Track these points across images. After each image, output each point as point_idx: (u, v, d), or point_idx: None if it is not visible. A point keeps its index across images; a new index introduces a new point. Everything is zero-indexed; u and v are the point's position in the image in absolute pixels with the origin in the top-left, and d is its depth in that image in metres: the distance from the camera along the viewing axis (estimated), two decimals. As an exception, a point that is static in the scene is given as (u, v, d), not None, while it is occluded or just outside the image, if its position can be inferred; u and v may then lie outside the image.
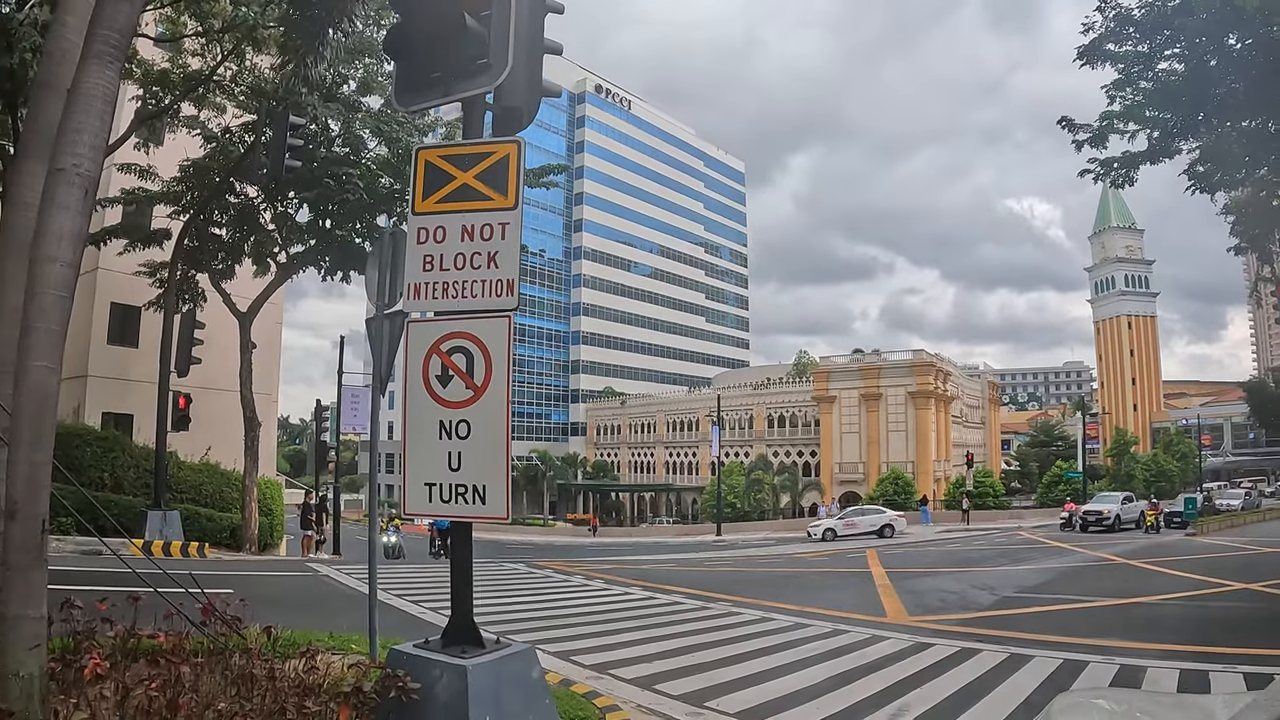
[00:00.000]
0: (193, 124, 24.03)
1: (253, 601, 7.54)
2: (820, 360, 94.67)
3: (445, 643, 5.50)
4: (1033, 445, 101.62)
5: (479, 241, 5.65)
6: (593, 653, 10.64)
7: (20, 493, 4.56)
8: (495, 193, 5.67)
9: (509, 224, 5.62)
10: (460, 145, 6.03)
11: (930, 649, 11.12)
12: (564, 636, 11.86)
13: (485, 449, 5.42)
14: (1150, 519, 42.12)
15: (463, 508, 5.45)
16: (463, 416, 5.49)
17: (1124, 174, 19.92)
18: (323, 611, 12.52)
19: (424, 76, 6.07)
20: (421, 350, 5.66)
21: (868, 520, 43.35)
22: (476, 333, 5.54)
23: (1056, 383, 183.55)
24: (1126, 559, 24.43)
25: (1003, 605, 15.75)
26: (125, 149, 24.33)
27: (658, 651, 10.87)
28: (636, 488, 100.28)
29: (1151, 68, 18.60)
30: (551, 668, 9.14)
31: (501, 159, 5.71)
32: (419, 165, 5.97)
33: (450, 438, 5.50)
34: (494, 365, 5.47)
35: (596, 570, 23.79)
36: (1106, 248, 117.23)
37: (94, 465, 23.90)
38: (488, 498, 5.37)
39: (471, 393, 5.49)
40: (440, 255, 5.74)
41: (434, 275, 5.74)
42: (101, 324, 30.24)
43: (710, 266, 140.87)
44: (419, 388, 5.64)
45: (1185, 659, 10.16)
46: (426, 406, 5.60)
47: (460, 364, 5.54)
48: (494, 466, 5.40)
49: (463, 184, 5.76)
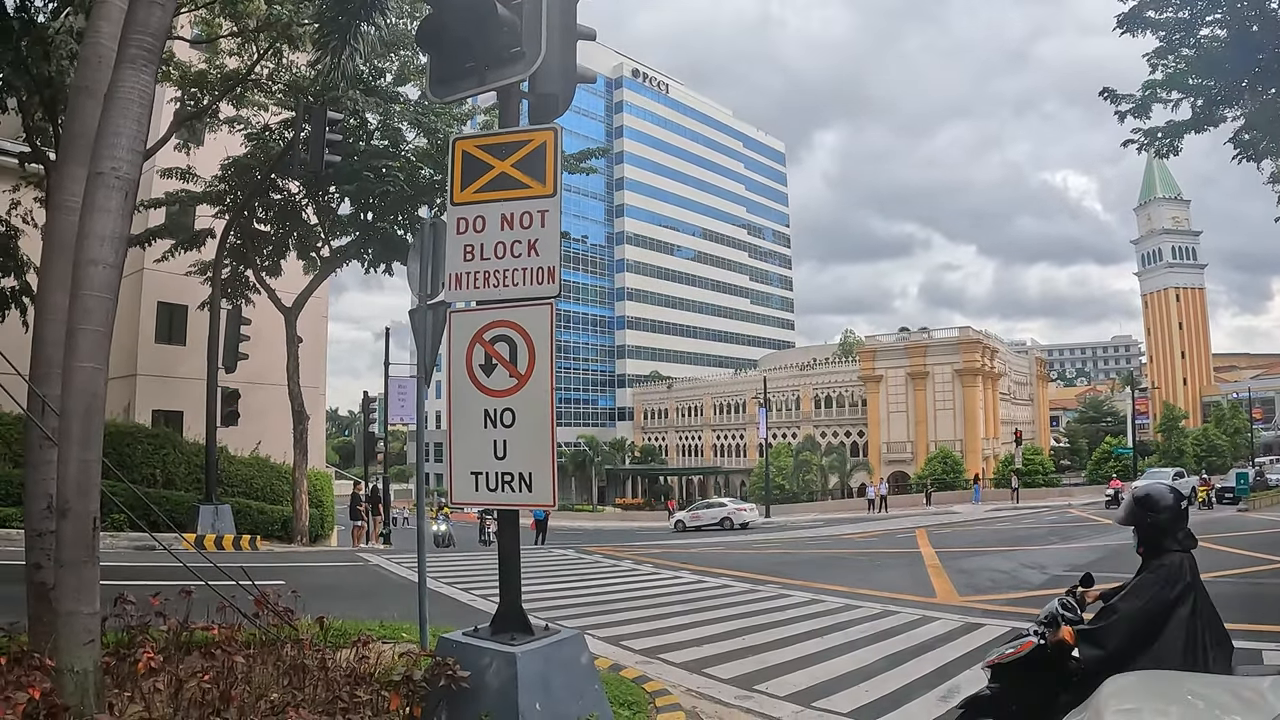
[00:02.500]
0: (233, 122, 24.24)
1: (304, 592, 7.62)
2: (866, 339, 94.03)
3: (494, 630, 5.53)
4: (1082, 421, 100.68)
5: (519, 230, 5.65)
6: (642, 637, 10.67)
7: (71, 491, 4.64)
8: (533, 180, 5.66)
9: (548, 211, 5.62)
10: (497, 134, 6.01)
11: (981, 629, 11.04)
12: (614, 621, 11.90)
13: (530, 436, 5.44)
14: (1202, 495, 41.14)
15: (509, 496, 5.46)
16: (507, 405, 5.51)
17: (1168, 144, 19.49)
18: (374, 600, 12.60)
19: (458, 67, 6.07)
20: (465, 340, 5.68)
21: (711, 513, 46.49)
22: (519, 321, 5.55)
23: (1104, 358, 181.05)
24: (1179, 535, 24.03)
25: (1053, 584, 15.53)
26: (166, 151, 24.68)
27: (707, 635, 10.86)
28: (684, 471, 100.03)
29: (1193, 34, 18.20)
30: (601, 653, 9.17)
31: (539, 146, 5.70)
32: (456, 155, 5.97)
33: (495, 426, 5.52)
34: (537, 353, 5.48)
35: (645, 555, 23.83)
36: (1153, 219, 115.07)
37: (145, 462, 24.28)
38: (534, 485, 5.39)
39: (515, 381, 5.50)
40: (480, 245, 5.74)
41: (475, 265, 5.74)
42: (149, 323, 30.65)
43: (753, 248, 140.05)
44: (463, 377, 5.66)
45: (1238, 638, 9.90)
46: (471, 395, 5.62)
47: (503, 352, 5.55)
48: (539, 454, 5.41)
49: (501, 173, 5.77)
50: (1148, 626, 4.06)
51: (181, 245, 26.19)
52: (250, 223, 25.72)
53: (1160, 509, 4.27)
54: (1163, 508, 4.27)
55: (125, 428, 25.28)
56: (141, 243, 25.57)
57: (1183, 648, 3.97)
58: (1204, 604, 4.11)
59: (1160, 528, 4.24)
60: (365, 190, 22.97)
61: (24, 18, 16.09)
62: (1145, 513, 4.30)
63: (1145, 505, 4.32)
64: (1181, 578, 4.10)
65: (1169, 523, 4.24)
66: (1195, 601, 4.08)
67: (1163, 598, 4.07)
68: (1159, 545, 4.23)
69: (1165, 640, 4.01)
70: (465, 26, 5.78)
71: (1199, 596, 4.09)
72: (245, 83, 22.66)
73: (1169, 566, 4.14)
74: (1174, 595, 4.05)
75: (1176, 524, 4.25)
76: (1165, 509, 4.27)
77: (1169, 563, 4.15)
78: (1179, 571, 4.11)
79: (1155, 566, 4.20)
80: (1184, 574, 4.11)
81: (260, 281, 26.30)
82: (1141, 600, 4.14)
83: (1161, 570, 4.16)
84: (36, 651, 4.85)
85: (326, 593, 13.68)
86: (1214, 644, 4.06)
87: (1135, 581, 4.29)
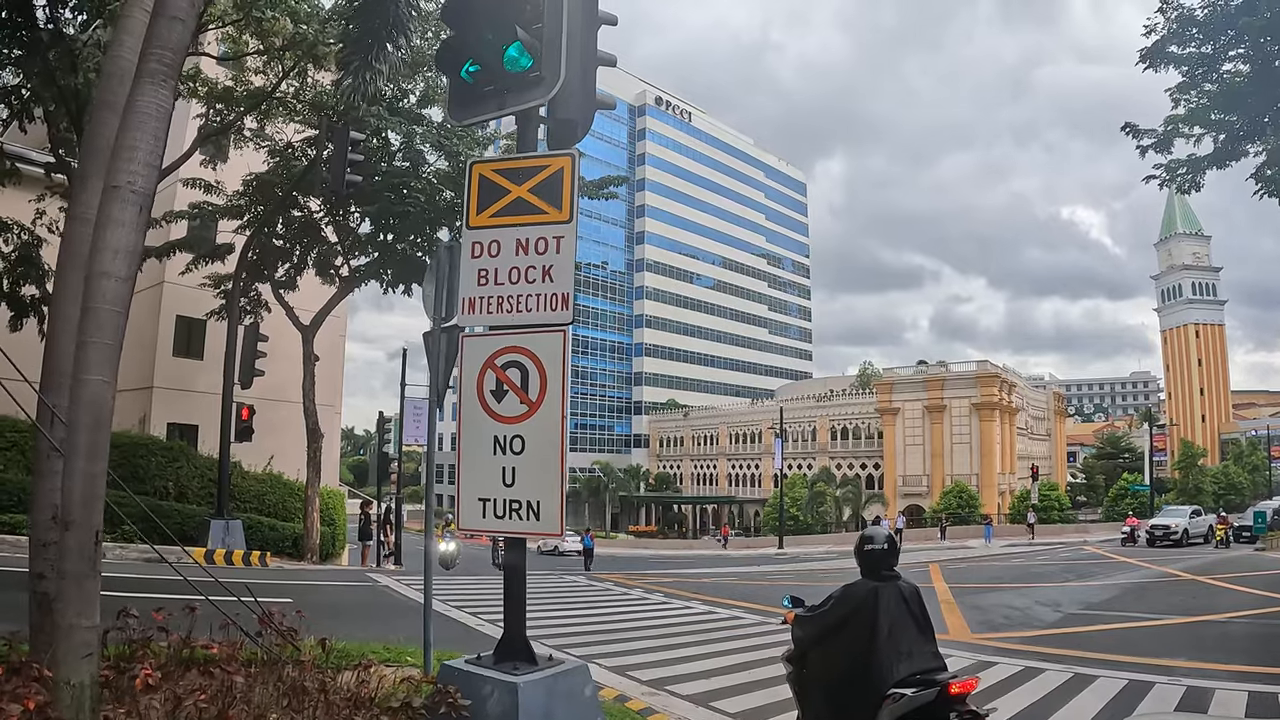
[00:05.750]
0: (258, 138, 24.38)
1: (311, 611, 7.56)
2: (884, 372, 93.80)
3: (497, 659, 5.45)
4: (1099, 457, 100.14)
5: (533, 255, 5.60)
6: (650, 668, 10.56)
7: (75, 504, 4.61)
8: (549, 206, 5.62)
9: (564, 238, 5.57)
10: (514, 159, 6.00)
11: (993, 668, 10.84)
12: (622, 651, 11.81)
13: (539, 464, 5.36)
14: (1219, 533, 40.80)
15: (516, 524, 5.39)
16: (517, 432, 5.44)
17: (1190, 179, 19.42)
18: (380, 622, 12.54)
19: (477, 90, 6.05)
20: (476, 365, 5.62)
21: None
22: (531, 347, 5.48)
23: (1123, 393, 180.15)
24: (1194, 575, 23.78)
25: (1067, 623, 15.39)
26: (193, 165, 24.86)
27: (716, 667, 10.76)
28: (699, 500, 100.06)
29: (1216, 69, 18.16)
30: (608, 683, 9.08)
31: (556, 172, 5.66)
32: (473, 179, 5.94)
33: (504, 453, 5.45)
34: (549, 380, 5.40)
35: (657, 584, 23.70)
36: (1173, 255, 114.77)
37: (158, 475, 24.32)
38: (541, 514, 5.31)
39: (526, 408, 5.43)
40: (495, 269, 5.69)
41: (488, 289, 5.69)
42: (167, 336, 30.70)
43: (773, 278, 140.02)
44: (473, 402, 5.60)
45: (1255, 680, 9.81)
46: (481, 421, 5.56)
47: (515, 379, 5.48)
48: (548, 482, 5.34)
49: (517, 198, 5.72)
50: (825, 630, 5.39)
51: (202, 259, 26.29)
52: (270, 239, 25.77)
53: (876, 543, 5.34)
54: (877, 543, 5.35)
55: (139, 440, 25.32)
56: (161, 255, 25.70)
57: (860, 653, 5.05)
58: (898, 622, 5.08)
59: (875, 557, 5.30)
60: (386, 210, 22.99)
61: (53, 29, 16.27)
62: (863, 544, 5.37)
63: (863, 540, 5.40)
64: (861, 601, 5.16)
65: (881, 555, 5.30)
66: (887, 620, 5.06)
67: (838, 611, 5.29)
68: (874, 572, 5.27)
69: (842, 641, 5.23)
70: (485, 50, 5.77)
71: (893, 616, 5.07)
72: (270, 99, 22.77)
73: (851, 591, 5.26)
74: (847, 611, 5.21)
75: (887, 557, 5.30)
76: (878, 544, 5.34)
77: (853, 589, 5.26)
78: (858, 596, 5.20)
79: (844, 588, 5.34)
80: (865, 597, 5.15)
81: (278, 298, 26.32)
82: (825, 608, 5.43)
83: (845, 592, 5.31)
84: (36, 662, 4.80)
85: (332, 612, 13.62)
86: (902, 658, 5.01)
87: (831, 595, 5.43)
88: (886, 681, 4.91)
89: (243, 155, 25.71)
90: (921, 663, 5.03)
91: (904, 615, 5.13)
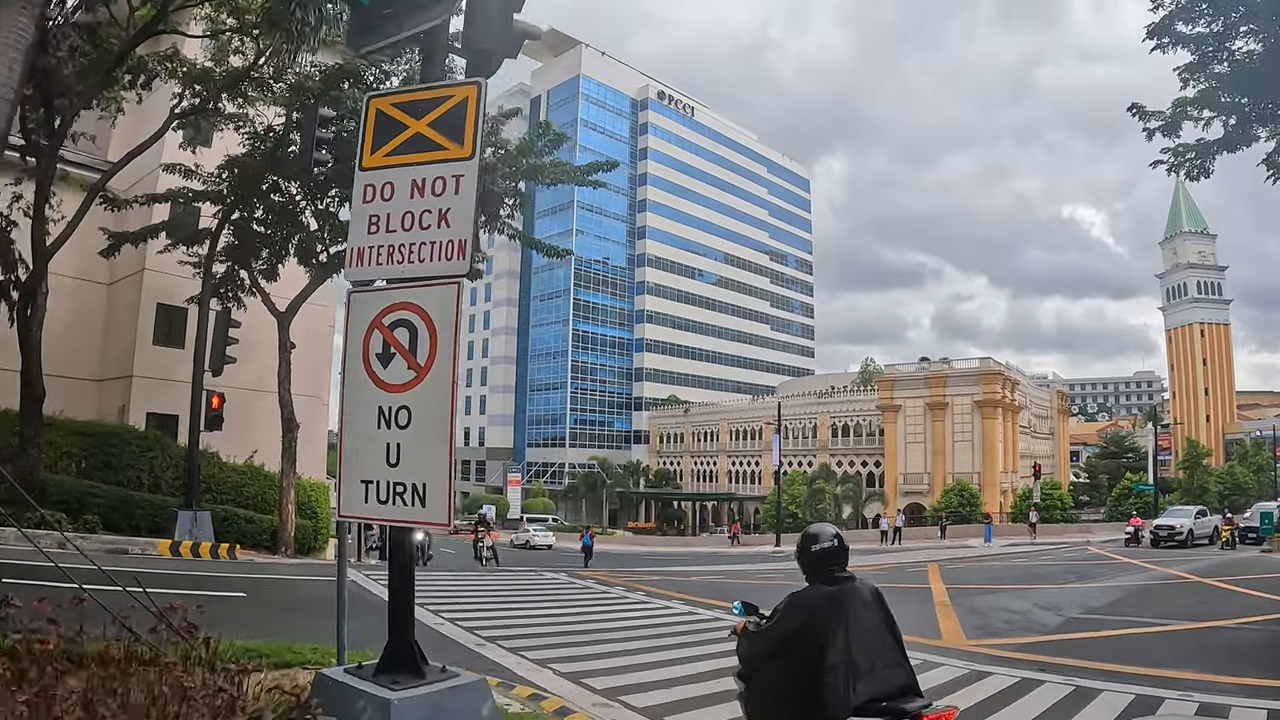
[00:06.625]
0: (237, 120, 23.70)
1: (265, 607, 6.92)
2: (886, 368, 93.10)
3: (379, 669, 4.70)
4: (1102, 457, 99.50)
5: (429, 198, 4.86)
6: (610, 674, 9.73)
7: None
8: (450, 141, 4.89)
9: (464, 176, 4.82)
10: (414, 90, 5.26)
11: (987, 679, 10.06)
12: (583, 655, 10.94)
13: (426, 440, 4.60)
14: (1225, 534, 39.74)
15: (400, 510, 4.62)
16: (403, 402, 4.68)
17: (1199, 164, 18.60)
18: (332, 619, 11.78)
19: (377, 13, 5.30)
20: (362, 325, 4.88)
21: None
22: (421, 303, 4.73)
23: (1127, 393, 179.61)
24: (1200, 577, 22.98)
25: (1069, 628, 14.55)
26: (173, 150, 24.50)
27: (683, 675, 9.87)
28: (698, 496, 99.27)
29: (1225, 47, 17.35)
30: (555, 692, 8.32)
31: (459, 103, 4.93)
32: (369, 115, 5.21)
33: (389, 427, 4.71)
34: (439, 341, 4.64)
35: (641, 582, 22.93)
36: (1178, 254, 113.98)
37: (132, 465, 24.10)
38: (428, 499, 4.53)
39: (414, 373, 4.68)
40: (387, 215, 4.97)
41: (379, 238, 4.98)
42: (148, 324, 30.05)
43: (775, 274, 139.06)
44: (358, 368, 4.86)
45: (1272, 696, 9.00)
46: (366, 390, 4.82)
47: (402, 340, 4.71)
48: (435, 462, 4.57)
49: (415, 134, 5.01)
50: (772, 646, 4.53)
51: (180, 243, 25.62)
52: (249, 223, 25.00)
53: (822, 542, 4.54)
54: (824, 541, 4.55)
55: (112, 429, 24.93)
56: (136, 241, 25.04)
57: (810, 675, 4.24)
58: (856, 634, 4.26)
59: (822, 558, 4.50)
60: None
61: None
62: (807, 544, 4.57)
63: (806, 539, 4.61)
64: (812, 610, 4.36)
65: (830, 554, 4.50)
66: (842, 631, 4.26)
67: (786, 624, 4.44)
68: (823, 575, 4.47)
69: (791, 660, 4.38)
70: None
71: (850, 627, 4.26)
72: (247, 80, 22.05)
73: (799, 599, 4.46)
74: (797, 624, 4.37)
75: (837, 556, 4.51)
76: (825, 543, 4.54)
77: (801, 597, 4.47)
78: (808, 605, 4.40)
79: (791, 596, 4.53)
80: (817, 605, 4.36)
81: (255, 285, 25.54)
82: (771, 622, 4.60)
83: (792, 601, 4.50)
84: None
85: (286, 607, 12.83)
86: (861, 678, 4.19)
87: (778, 607, 4.60)
88: (844, 708, 4.14)
89: (223, 138, 25.12)
90: (887, 682, 4.25)
91: (863, 624, 4.32)
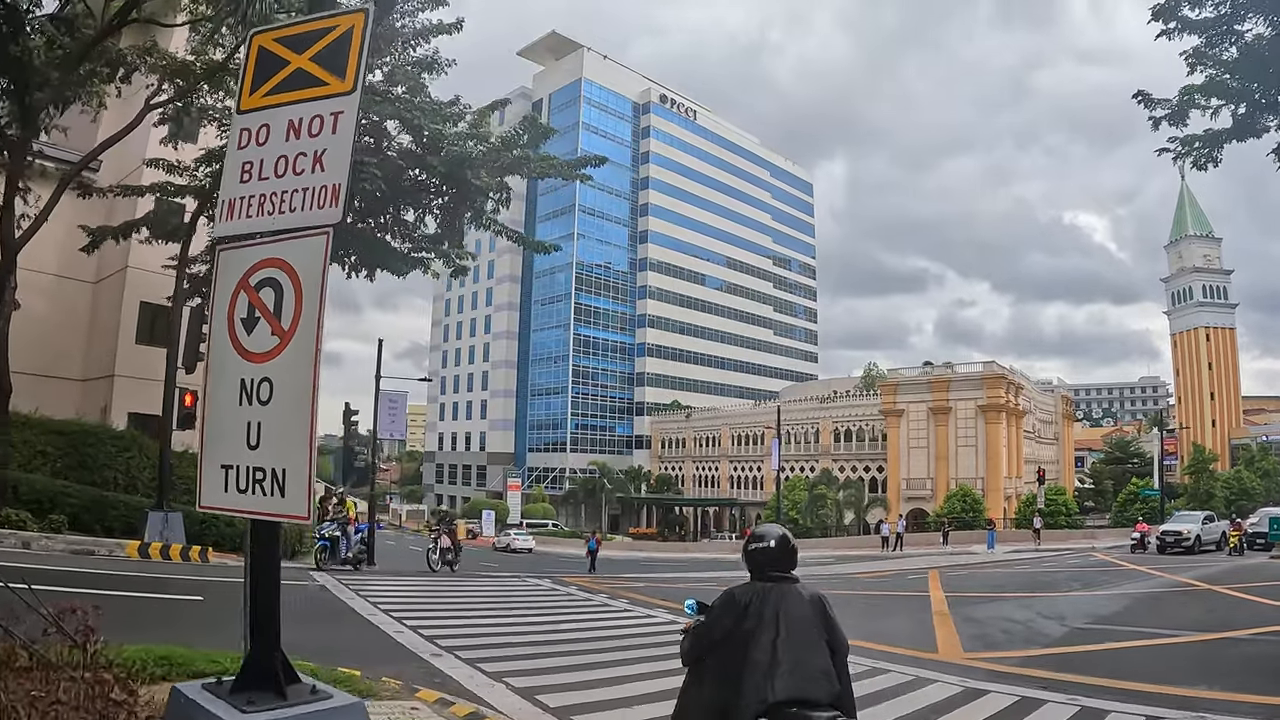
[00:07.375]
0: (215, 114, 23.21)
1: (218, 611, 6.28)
2: (888, 373, 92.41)
3: (235, 687, 3.97)
4: (1107, 462, 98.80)
5: (305, 140, 4.21)
6: (567, 690, 8.94)
7: None
8: (331, 76, 4.26)
9: (343, 113, 4.17)
10: (299, 22, 4.58)
11: (982, 698, 9.24)
12: (544, 669, 10.13)
13: (287, 419, 3.91)
14: (1233, 540, 39.07)
15: (259, 500, 3.93)
16: (265, 373, 4.01)
17: (1206, 154, 17.93)
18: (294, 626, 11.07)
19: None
20: (229, 287, 4.18)
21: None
22: (288, 258, 4.06)
23: (1132, 398, 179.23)
24: (1209, 584, 22.19)
25: (1073, 639, 13.74)
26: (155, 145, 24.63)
27: (647, 692, 8.95)
28: (699, 501, 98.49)
29: (1233, 30, 16.66)
30: (502, 709, 7.58)
31: (344, 33, 4.29)
32: (251, 52, 4.53)
33: (250, 402, 4.01)
34: (304, 302, 3.97)
35: (627, 588, 22.26)
36: (1184, 257, 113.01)
37: (108, 465, 23.88)
38: (286, 487, 3.83)
39: (277, 340, 4.00)
40: (261, 161, 4.32)
41: (252, 187, 4.30)
42: (130, 323, 29.77)
43: (778, 279, 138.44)
44: (222, 336, 4.17)
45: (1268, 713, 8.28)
46: (228, 360, 4.14)
47: (267, 301, 4.01)
48: (295, 444, 3.87)
49: (296, 69, 4.38)
50: (705, 643, 4.41)
51: (163, 238, 25.14)
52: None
53: (764, 541, 4.50)
54: (765, 541, 4.50)
55: (88, 428, 24.58)
56: (116, 235, 24.50)
57: (734, 672, 4.15)
58: (783, 632, 4.18)
59: (761, 557, 4.47)
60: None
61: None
62: (749, 542, 4.57)
63: (750, 538, 4.61)
64: (745, 605, 4.31)
65: (768, 553, 4.46)
66: (770, 628, 4.21)
67: (720, 620, 4.36)
68: (761, 573, 4.43)
69: (728, 653, 4.25)
70: None
71: (778, 625, 4.20)
72: (225, 71, 21.48)
73: (734, 594, 4.39)
74: (731, 620, 4.29)
75: (777, 557, 4.45)
76: (766, 542, 4.49)
77: (736, 592, 4.40)
78: (739, 599, 4.35)
79: (725, 592, 4.46)
80: (749, 601, 4.31)
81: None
82: (708, 619, 4.49)
83: (727, 596, 4.43)
84: None
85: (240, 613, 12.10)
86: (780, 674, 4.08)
87: (714, 603, 4.54)
88: (760, 703, 4.05)
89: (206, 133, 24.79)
90: (806, 684, 4.11)
91: (794, 626, 4.24)
